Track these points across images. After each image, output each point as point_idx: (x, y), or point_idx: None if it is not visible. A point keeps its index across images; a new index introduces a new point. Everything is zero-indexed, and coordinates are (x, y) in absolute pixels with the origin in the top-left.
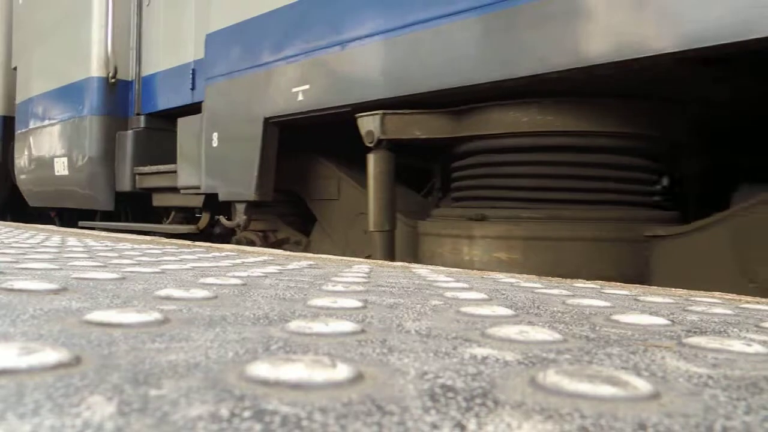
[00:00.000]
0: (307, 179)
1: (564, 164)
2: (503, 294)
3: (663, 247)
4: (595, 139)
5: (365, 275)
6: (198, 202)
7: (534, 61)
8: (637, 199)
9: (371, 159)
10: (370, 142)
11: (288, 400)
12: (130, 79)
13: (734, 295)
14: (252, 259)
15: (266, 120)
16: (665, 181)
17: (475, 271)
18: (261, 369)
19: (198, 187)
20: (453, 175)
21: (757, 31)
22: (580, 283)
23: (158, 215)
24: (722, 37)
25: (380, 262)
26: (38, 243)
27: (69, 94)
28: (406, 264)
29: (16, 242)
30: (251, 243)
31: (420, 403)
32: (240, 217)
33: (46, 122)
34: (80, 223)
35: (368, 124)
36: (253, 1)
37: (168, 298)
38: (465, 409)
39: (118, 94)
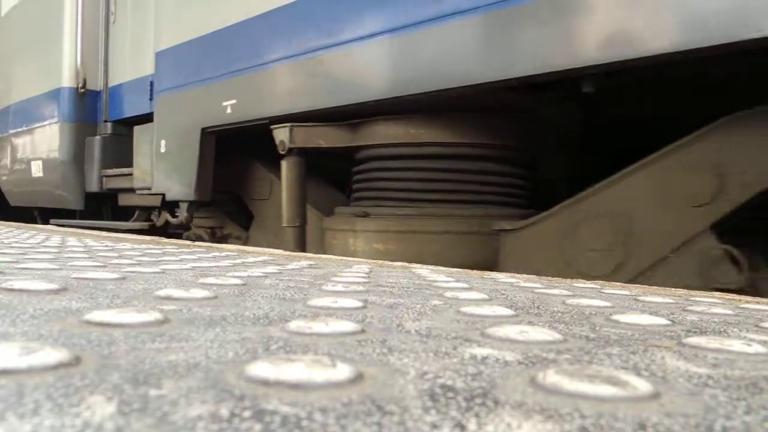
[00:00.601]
0: (245, 181)
1: (431, 170)
2: (503, 294)
3: (508, 239)
4: (457, 148)
5: (365, 275)
6: (156, 201)
7: (409, 83)
8: (490, 198)
9: (284, 165)
10: (282, 150)
11: (288, 400)
12: (98, 89)
13: (734, 295)
14: (252, 259)
15: (203, 130)
16: (520, 183)
17: (475, 271)
18: (261, 369)
19: (150, 188)
20: (352, 178)
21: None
22: (580, 283)
23: (132, 214)
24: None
25: (380, 262)
26: (38, 243)
27: (43, 102)
28: (406, 264)
29: (16, 242)
30: (200, 238)
31: (420, 403)
32: (182, 215)
33: (24, 128)
34: (51, 221)
35: (280, 134)
36: (191, 25)
37: (168, 298)
38: (465, 409)
39: (87, 103)
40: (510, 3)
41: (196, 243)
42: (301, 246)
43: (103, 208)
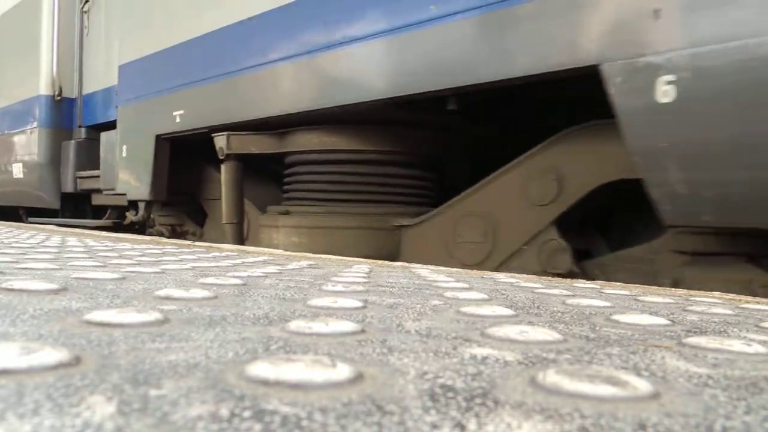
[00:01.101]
0: (200, 183)
1: (341, 173)
2: (503, 294)
3: (407, 234)
4: (365, 155)
5: (365, 275)
6: (123, 201)
7: (321, 99)
8: (393, 198)
9: (223, 168)
10: (222, 156)
11: (288, 400)
12: (73, 97)
13: (734, 295)
14: (252, 259)
15: (157, 137)
16: (422, 184)
17: (475, 271)
18: (261, 369)
19: (113, 189)
20: (283, 180)
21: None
22: (580, 283)
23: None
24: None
25: (380, 262)
26: (38, 243)
27: (23, 109)
28: (406, 264)
29: (16, 242)
30: (161, 234)
31: (420, 403)
32: (140, 213)
33: (6, 133)
34: (30, 219)
35: (219, 141)
36: (147, 43)
37: (168, 298)
38: (465, 409)
39: (63, 110)
40: (393, 33)
41: (196, 243)
42: (240, 240)
43: (87, 207)
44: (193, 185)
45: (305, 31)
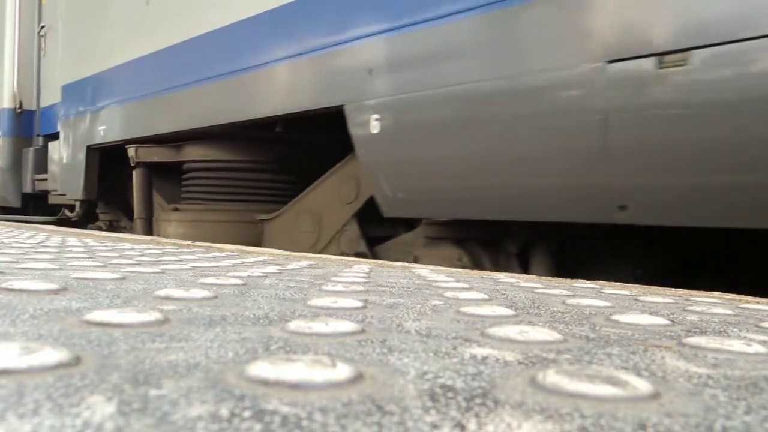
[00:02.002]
0: (128, 185)
1: (217, 178)
2: (503, 294)
3: (267, 226)
4: (236, 163)
5: (365, 275)
6: (70, 200)
7: (201, 119)
8: (257, 198)
9: (134, 174)
10: (133, 164)
11: (288, 400)
12: (33, 110)
13: (734, 295)
14: (252, 259)
15: (88, 147)
16: (285, 187)
17: (475, 271)
18: (261, 369)
19: (56, 190)
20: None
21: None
22: (580, 283)
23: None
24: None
25: (380, 262)
26: (38, 243)
27: None
28: (406, 264)
29: (16, 242)
30: (100, 228)
31: (420, 403)
32: (77, 210)
33: None
34: None
35: (130, 152)
36: (78, 69)
37: (168, 298)
38: (465, 409)
39: (23, 121)
40: (235, 74)
41: (196, 243)
42: (148, 232)
43: (64, 207)
44: (123, 187)
45: (185, 68)
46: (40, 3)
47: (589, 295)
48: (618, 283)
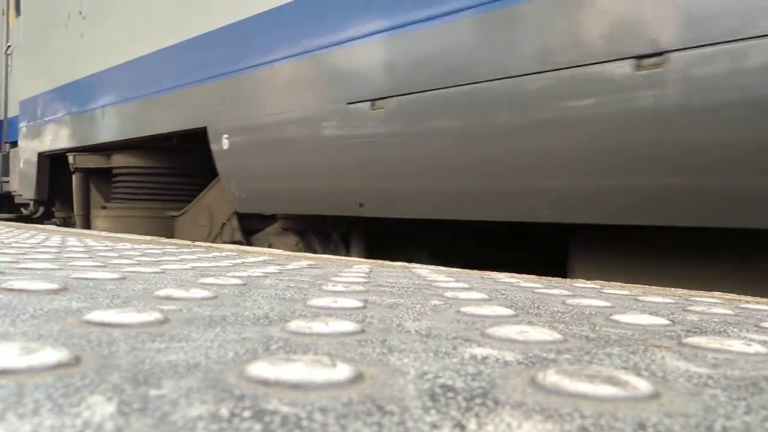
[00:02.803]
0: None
1: (137, 181)
2: (503, 294)
3: (176, 221)
4: (151, 169)
5: (365, 275)
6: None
7: (118, 133)
8: (169, 197)
9: (74, 178)
10: (72, 169)
11: (288, 400)
12: (1, 119)
13: (734, 295)
14: (252, 259)
15: (39, 154)
16: (192, 189)
17: (475, 271)
18: (261, 369)
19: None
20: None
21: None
22: (580, 283)
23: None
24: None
25: (380, 262)
26: (38, 243)
27: None
28: (406, 264)
29: (16, 242)
30: (55, 224)
31: (420, 403)
32: (30, 208)
33: None
34: None
35: (70, 159)
36: (32, 86)
37: (168, 298)
38: (465, 409)
39: None
40: (142, 98)
41: (196, 243)
42: (87, 227)
43: (22, 207)
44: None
45: (109, 90)
46: (7, 24)
47: (589, 295)
48: (618, 283)
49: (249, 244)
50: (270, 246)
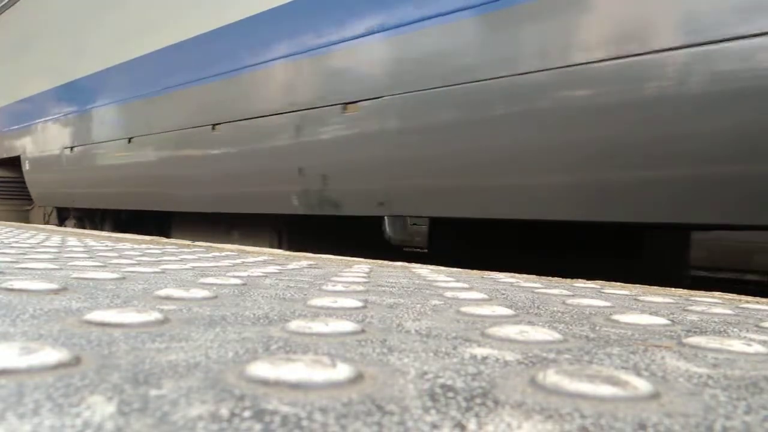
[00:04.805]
0: None
1: (8, 186)
2: (503, 294)
3: (29, 213)
4: (16, 178)
5: (365, 275)
6: None
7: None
8: (25, 197)
9: None
10: None
11: (288, 400)
12: None
13: (734, 295)
14: (252, 259)
15: None
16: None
17: (475, 270)
18: (261, 369)
19: None
20: None
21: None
22: (581, 283)
23: None
24: None
25: (380, 262)
26: (38, 243)
27: None
28: (406, 264)
29: (16, 242)
30: None
31: (420, 403)
32: None
33: None
34: None
35: None
36: None
37: (168, 298)
38: (465, 409)
39: None
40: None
41: (196, 243)
42: None
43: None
44: None
45: (33, 109)
46: None
47: (589, 295)
48: (618, 283)
49: (62, 225)
50: (75, 225)
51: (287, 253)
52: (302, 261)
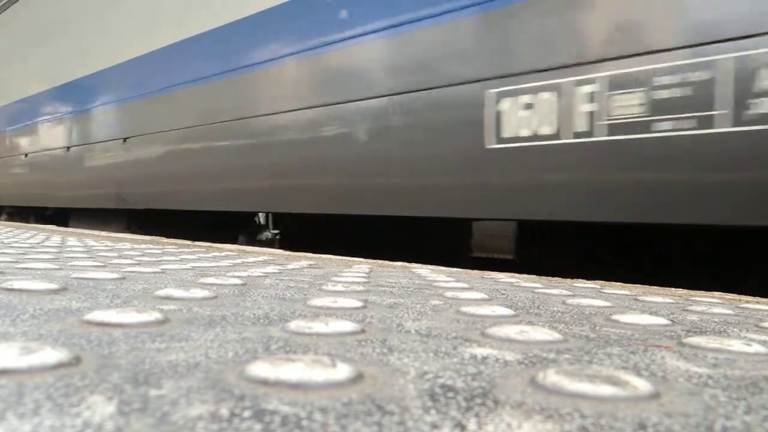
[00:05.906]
0: None
1: None
2: (503, 294)
3: None
4: None
5: (365, 275)
6: None
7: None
8: None
9: None
10: None
11: (288, 400)
12: None
13: (734, 295)
14: (252, 259)
15: None
16: None
17: (475, 270)
18: (261, 369)
19: None
20: None
21: None
22: (581, 283)
23: None
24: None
25: (380, 262)
26: (38, 243)
27: None
28: (406, 264)
29: (16, 242)
30: None
31: (420, 403)
32: None
33: None
34: None
35: None
36: None
37: (168, 298)
38: (465, 409)
39: None
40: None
41: (196, 243)
42: None
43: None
44: None
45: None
46: None
47: (589, 295)
48: (618, 283)
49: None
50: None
51: (287, 253)
52: (302, 261)
